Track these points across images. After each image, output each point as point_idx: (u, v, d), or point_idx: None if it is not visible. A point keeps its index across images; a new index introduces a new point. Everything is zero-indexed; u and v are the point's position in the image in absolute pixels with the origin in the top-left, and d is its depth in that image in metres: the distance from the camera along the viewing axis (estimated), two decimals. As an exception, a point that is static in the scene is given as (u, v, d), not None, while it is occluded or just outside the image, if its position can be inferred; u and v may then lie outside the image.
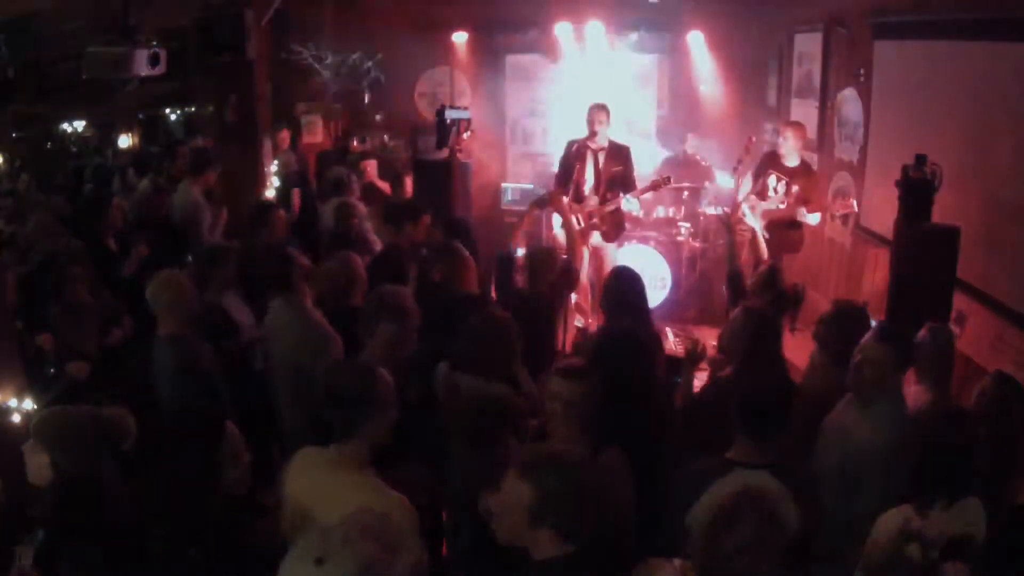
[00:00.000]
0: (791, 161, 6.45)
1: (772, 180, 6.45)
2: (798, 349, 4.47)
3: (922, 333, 3.61)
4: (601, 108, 6.50)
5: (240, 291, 4.65)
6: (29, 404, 3.53)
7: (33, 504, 2.79)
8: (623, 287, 4.15)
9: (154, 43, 5.79)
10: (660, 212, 8.03)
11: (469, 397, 3.18)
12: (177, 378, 3.66)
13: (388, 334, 3.47)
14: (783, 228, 6.37)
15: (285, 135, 8.39)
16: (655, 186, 6.61)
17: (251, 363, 4.36)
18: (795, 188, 6.36)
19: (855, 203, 6.33)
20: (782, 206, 6.35)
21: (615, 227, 6.77)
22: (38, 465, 2.67)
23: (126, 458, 2.91)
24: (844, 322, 3.63)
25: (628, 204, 6.69)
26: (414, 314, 3.57)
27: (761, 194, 6.50)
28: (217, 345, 3.94)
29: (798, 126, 6.60)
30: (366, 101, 9.36)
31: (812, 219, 6.30)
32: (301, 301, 4.06)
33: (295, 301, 4.05)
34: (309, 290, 4.14)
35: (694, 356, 3.84)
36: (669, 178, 6.69)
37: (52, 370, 3.96)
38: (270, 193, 7.19)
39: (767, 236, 6.34)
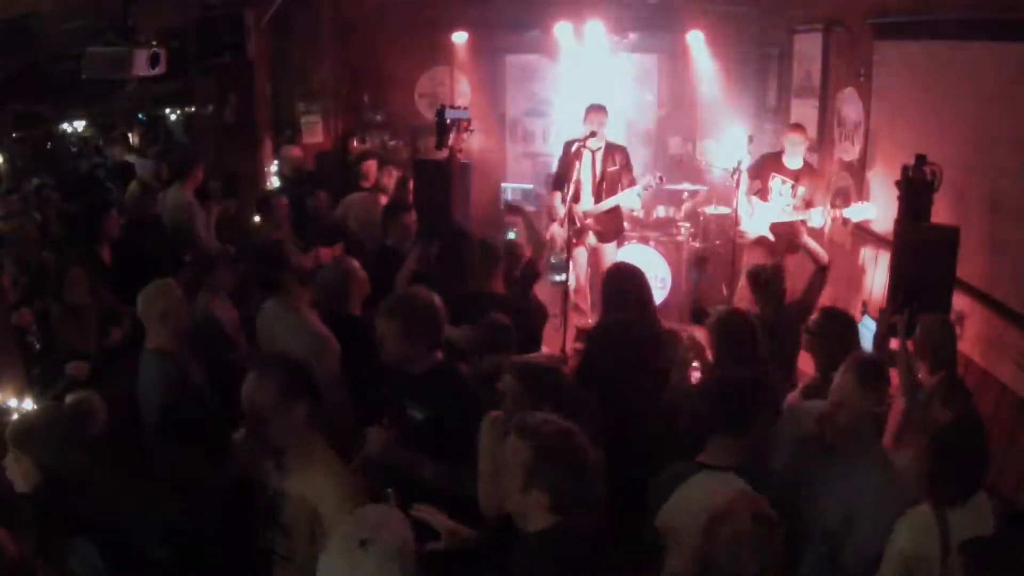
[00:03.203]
0: (794, 163, 6.44)
1: (777, 182, 6.44)
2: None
3: (919, 330, 3.65)
4: (599, 108, 6.50)
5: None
6: (29, 404, 3.53)
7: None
8: (621, 283, 4.16)
9: (154, 43, 5.78)
10: (660, 212, 8.04)
11: None
12: (165, 395, 3.51)
13: (385, 331, 3.18)
14: (785, 228, 6.38)
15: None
16: (649, 185, 6.60)
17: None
18: (800, 190, 6.36)
19: (860, 209, 6.23)
20: (787, 207, 6.35)
21: (612, 227, 6.77)
22: (23, 473, 2.67)
23: (106, 448, 2.92)
24: (831, 330, 3.65)
25: (625, 200, 6.66)
26: (414, 316, 3.21)
27: (763, 196, 6.49)
28: (213, 359, 3.88)
29: (800, 129, 6.56)
30: (366, 101, 9.37)
31: (816, 219, 6.26)
32: (294, 303, 4.00)
33: (288, 303, 3.99)
34: (305, 292, 4.08)
35: (686, 353, 3.85)
36: (662, 177, 6.69)
37: (38, 345, 3.96)
38: (270, 194, 7.20)
39: (771, 239, 6.34)
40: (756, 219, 6.41)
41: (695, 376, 4.06)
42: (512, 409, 2.75)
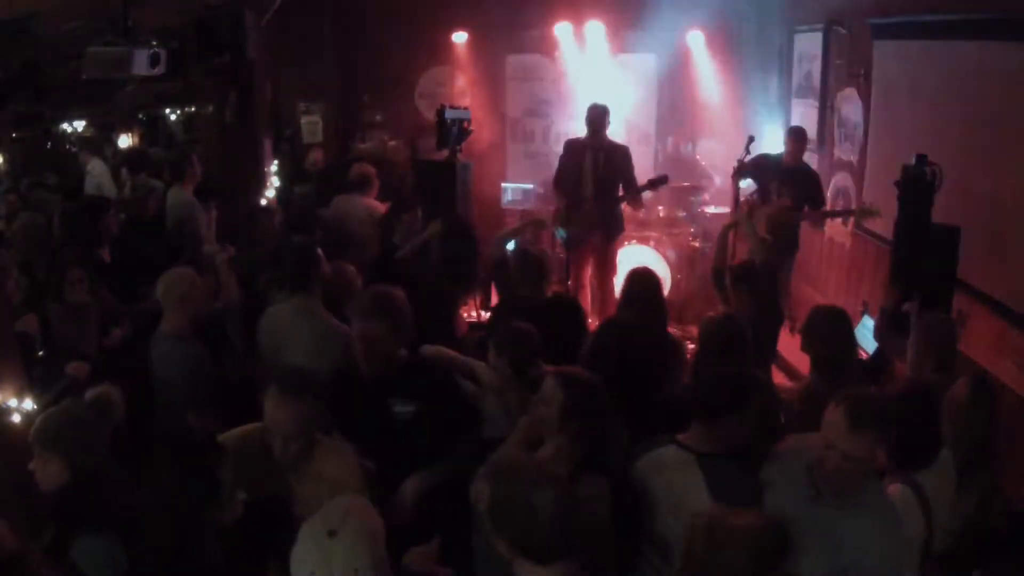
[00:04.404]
0: (795, 164, 6.44)
1: (777, 184, 6.45)
2: (797, 349, 4.45)
3: (923, 326, 3.64)
4: (600, 108, 6.51)
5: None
6: (29, 404, 3.53)
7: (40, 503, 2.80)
8: (632, 288, 4.16)
9: (154, 43, 5.78)
10: (660, 212, 8.04)
11: None
12: (181, 378, 3.62)
13: (376, 333, 3.22)
14: (783, 228, 6.38)
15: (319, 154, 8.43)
16: (652, 185, 6.60)
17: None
18: (800, 192, 6.36)
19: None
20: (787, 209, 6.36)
21: (613, 227, 6.77)
22: (51, 473, 2.68)
23: (122, 447, 2.93)
24: (823, 327, 3.64)
25: (633, 203, 6.68)
26: (400, 315, 3.30)
27: (764, 196, 6.49)
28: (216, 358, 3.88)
29: (803, 135, 6.55)
30: (366, 101, 9.37)
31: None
32: (315, 305, 3.92)
33: (306, 305, 3.90)
34: (320, 296, 4.01)
35: None
36: (666, 177, 6.69)
37: (40, 352, 3.96)
38: (270, 193, 7.19)
39: (769, 238, 6.34)
40: (755, 219, 6.41)
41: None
42: (544, 414, 2.73)
